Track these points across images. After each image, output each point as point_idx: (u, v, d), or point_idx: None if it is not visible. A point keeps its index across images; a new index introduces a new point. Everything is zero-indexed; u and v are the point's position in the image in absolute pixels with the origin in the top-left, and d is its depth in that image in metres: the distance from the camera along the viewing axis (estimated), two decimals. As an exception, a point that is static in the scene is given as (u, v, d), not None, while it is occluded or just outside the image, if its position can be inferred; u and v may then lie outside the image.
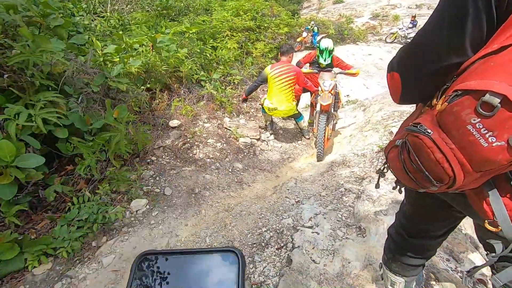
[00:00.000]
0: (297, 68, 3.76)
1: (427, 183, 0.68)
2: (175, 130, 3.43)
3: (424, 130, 0.63)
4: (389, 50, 12.26)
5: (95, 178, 2.65)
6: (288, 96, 3.75)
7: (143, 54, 3.64)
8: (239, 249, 0.47)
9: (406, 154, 0.71)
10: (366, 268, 1.66)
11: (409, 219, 1.10)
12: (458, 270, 1.60)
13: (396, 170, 0.79)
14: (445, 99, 0.59)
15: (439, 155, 0.60)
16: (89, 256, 2.19)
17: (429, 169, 0.64)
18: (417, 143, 0.65)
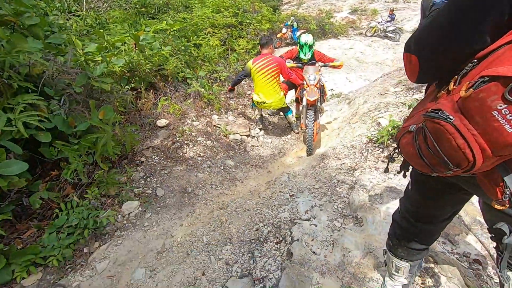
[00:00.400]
0: (279, 59, 3.72)
1: (443, 168, 0.68)
2: (163, 130, 3.35)
3: (446, 116, 0.63)
4: (369, 43, 12.51)
5: (83, 182, 2.55)
6: (275, 88, 3.73)
7: (126, 53, 3.52)
8: None
9: (422, 140, 0.72)
10: (366, 256, 1.68)
11: (416, 204, 1.11)
12: (455, 252, 1.65)
13: (409, 155, 0.79)
14: (469, 85, 0.59)
15: (460, 141, 0.61)
16: (82, 263, 2.11)
17: (448, 155, 0.65)
18: (438, 129, 0.65)
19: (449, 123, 0.62)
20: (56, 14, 5.64)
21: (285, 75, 3.71)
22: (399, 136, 0.84)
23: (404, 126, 0.84)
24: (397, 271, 1.29)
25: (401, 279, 1.31)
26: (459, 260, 1.59)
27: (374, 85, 5.69)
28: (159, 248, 2.19)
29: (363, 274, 1.58)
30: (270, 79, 3.66)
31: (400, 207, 1.23)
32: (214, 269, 1.88)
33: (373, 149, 3.08)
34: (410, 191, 1.12)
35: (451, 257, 1.59)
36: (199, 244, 2.16)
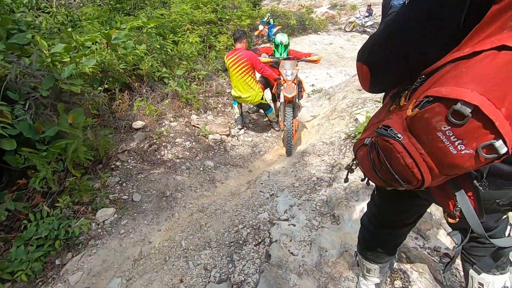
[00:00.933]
0: (249, 53, 3.60)
1: (396, 183, 0.68)
2: (139, 132, 3.25)
3: (394, 134, 0.62)
4: (348, 38, 12.67)
5: (53, 191, 2.44)
6: (249, 83, 3.65)
7: (98, 53, 3.38)
8: None
9: (375, 155, 0.71)
10: (342, 255, 1.70)
11: (380, 210, 1.12)
12: (426, 247, 1.70)
13: (365, 168, 0.78)
14: (415, 104, 0.58)
15: (409, 160, 0.61)
16: (54, 276, 2.02)
17: (398, 172, 0.65)
18: (387, 147, 0.64)
19: (398, 142, 0.61)
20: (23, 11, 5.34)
21: (258, 70, 3.63)
22: (356, 148, 0.83)
23: (361, 138, 0.83)
24: (368, 272, 1.30)
25: (374, 279, 1.33)
26: (430, 254, 1.64)
27: (353, 80, 5.77)
28: (136, 255, 2.13)
29: (339, 274, 1.60)
30: (243, 74, 3.59)
31: (367, 211, 1.24)
32: (192, 275, 1.85)
33: (351, 145, 3.12)
34: (376, 196, 1.12)
35: (422, 252, 1.63)
36: (178, 250, 2.12)
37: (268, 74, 3.74)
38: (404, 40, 0.65)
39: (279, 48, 3.89)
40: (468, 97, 0.48)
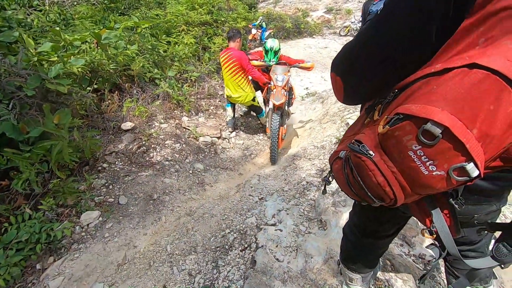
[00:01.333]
0: (239, 54, 3.51)
1: (369, 199, 0.66)
2: (128, 133, 3.20)
3: (366, 151, 0.60)
4: (343, 43, 12.75)
5: (37, 193, 2.38)
6: (239, 83, 3.60)
7: (88, 52, 3.33)
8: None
9: (349, 170, 0.69)
10: (327, 262, 1.68)
11: (361, 220, 1.11)
12: (411, 254, 1.69)
13: (340, 182, 0.75)
14: (386, 121, 0.56)
15: (380, 178, 0.58)
16: (33, 281, 1.97)
17: (370, 190, 0.63)
18: (359, 163, 0.62)
19: (369, 159, 0.59)
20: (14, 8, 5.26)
21: (247, 71, 3.56)
22: (331, 160, 0.80)
23: (336, 151, 0.80)
24: (351, 281, 1.29)
25: (357, 287, 1.31)
26: (415, 262, 1.62)
27: (346, 85, 5.79)
28: (120, 260, 2.09)
29: (324, 281, 1.57)
30: (233, 74, 3.54)
31: (349, 220, 1.22)
32: (176, 281, 1.81)
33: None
34: (357, 206, 1.11)
35: (407, 260, 1.62)
36: (163, 255, 2.08)
37: (257, 77, 3.66)
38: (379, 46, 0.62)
39: (268, 54, 3.82)
40: (438, 117, 0.46)
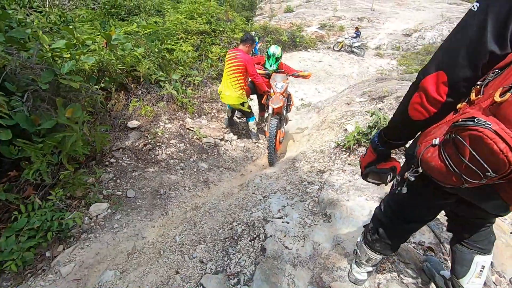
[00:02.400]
0: (247, 57, 3.68)
1: (477, 177, 0.70)
2: (134, 131, 3.28)
3: (483, 123, 0.64)
4: (336, 57, 13.22)
5: (46, 183, 2.42)
6: (233, 83, 3.70)
7: (96, 52, 3.42)
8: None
9: (452, 151, 0.73)
10: (335, 248, 1.79)
11: (407, 206, 1.16)
12: (411, 242, 1.82)
13: (435, 169, 0.79)
14: (503, 90, 0.64)
15: (502, 145, 0.62)
16: (44, 268, 1.99)
17: (487, 161, 0.66)
18: (476, 136, 0.65)
19: (488, 129, 0.63)
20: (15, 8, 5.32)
21: (251, 75, 3.72)
22: (420, 152, 0.84)
23: (424, 142, 0.85)
24: (368, 262, 1.39)
25: (368, 268, 1.43)
26: (415, 248, 1.76)
27: (342, 96, 6.04)
28: (130, 249, 2.14)
29: (332, 264, 1.68)
30: (232, 73, 3.66)
31: (384, 206, 1.27)
32: (188, 268, 1.88)
33: (341, 153, 3.27)
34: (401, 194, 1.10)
35: (408, 246, 1.75)
36: (172, 245, 2.14)
37: (259, 82, 3.83)
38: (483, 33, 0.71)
39: (270, 59, 3.98)
40: None
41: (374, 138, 1.11)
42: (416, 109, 0.87)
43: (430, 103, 0.83)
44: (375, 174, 1.14)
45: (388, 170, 1.09)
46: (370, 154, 1.13)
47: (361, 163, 1.19)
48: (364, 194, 2.25)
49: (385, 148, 1.09)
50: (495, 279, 1.64)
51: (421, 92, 0.84)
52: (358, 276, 1.52)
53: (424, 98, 0.83)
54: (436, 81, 0.79)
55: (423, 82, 0.83)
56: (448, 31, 15.41)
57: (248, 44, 3.78)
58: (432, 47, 13.25)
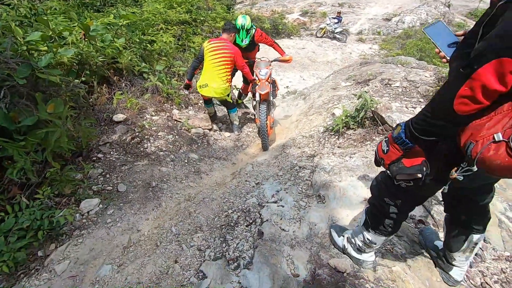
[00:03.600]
0: (235, 48, 3.56)
1: None
2: (120, 125, 3.19)
3: None
4: (319, 44, 13.24)
5: (32, 182, 2.33)
6: (221, 75, 3.54)
7: (75, 44, 3.27)
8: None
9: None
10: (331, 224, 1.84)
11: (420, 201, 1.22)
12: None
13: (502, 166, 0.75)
14: None
15: None
16: (37, 267, 1.94)
17: None
18: None
19: None
20: (-21, 0, 4.99)
21: (239, 66, 3.63)
22: (477, 151, 0.80)
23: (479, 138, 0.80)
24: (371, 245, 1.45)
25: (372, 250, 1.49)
26: (406, 222, 1.83)
27: (327, 81, 6.09)
28: (125, 243, 2.11)
29: (329, 243, 1.73)
30: (220, 63, 3.49)
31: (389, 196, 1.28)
32: (186, 256, 1.88)
33: (330, 137, 3.32)
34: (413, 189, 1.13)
35: (401, 220, 1.83)
36: (169, 235, 2.13)
37: (247, 72, 3.78)
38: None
39: (240, 33, 3.76)
40: None
41: (400, 134, 1.01)
42: (465, 103, 0.79)
43: (487, 95, 0.76)
44: (406, 173, 1.06)
45: (421, 166, 1.03)
46: (396, 152, 1.04)
47: (382, 160, 1.10)
48: (355, 174, 2.30)
49: (414, 145, 1.01)
50: (482, 245, 1.73)
51: (474, 84, 0.76)
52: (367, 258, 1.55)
53: (479, 91, 0.76)
54: (497, 70, 0.72)
55: (478, 74, 0.74)
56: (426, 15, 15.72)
57: (232, 33, 3.66)
58: (412, 31, 13.45)
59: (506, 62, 0.70)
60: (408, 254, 1.65)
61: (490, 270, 1.63)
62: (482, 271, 1.62)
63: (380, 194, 1.31)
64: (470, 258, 1.41)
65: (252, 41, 4.02)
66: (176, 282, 1.71)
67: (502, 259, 1.69)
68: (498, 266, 1.65)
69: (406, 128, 1.00)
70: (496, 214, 1.95)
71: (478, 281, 1.57)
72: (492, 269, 1.63)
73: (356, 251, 1.55)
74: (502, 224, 1.89)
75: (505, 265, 1.65)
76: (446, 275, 1.51)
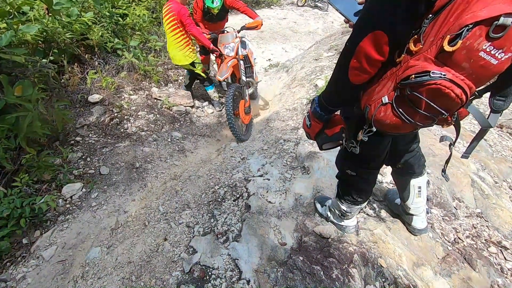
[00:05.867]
0: (179, 6, 3.13)
1: (430, 120, 0.78)
2: (97, 106, 3.06)
3: (439, 75, 0.69)
4: (301, 13, 12.84)
5: (8, 170, 2.24)
6: (176, 40, 3.26)
7: (38, 20, 3.01)
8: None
9: (406, 106, 0.79)
10: (315, 196, 1.89)
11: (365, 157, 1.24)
12: (383, 182, 1.97)
13: (390, 125, 0.85)
14: (451, 38, 0.66)
15: (458, 90, 0.69)
16: (23, 255, 1.92)
17: (443, 106, 0.74)
18: (434, 89, 0.70)
19: (444, 79, 0.69)
20: None
21: (185, 26, 3.17)
22: (372, 113, 0.89)
23: (372, 102, 0.89)
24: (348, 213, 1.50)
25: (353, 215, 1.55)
26: (387, 187, 1.91)
27: (309, 52, 5.98)
28: (113, 225, 2.10)
29: (314, 211, 1.79)
30: (171, 28, 3.20)
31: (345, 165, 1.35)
32: (175, 233, 1.90)
33: (313, 109, 3.32)
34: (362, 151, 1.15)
35: (382, 186, 1.90)
36: (156, 214, 2.13)
37: (195, 34, 3.20)
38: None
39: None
40: (508, 9, 0.58)
41: (315, 108, 1.09)
42: (356, 74, 0.86)
43: (371, 65, 0.82)
44: (329, 141, 1.15)
45: (340, 133, 1.11)
46: (316, 124, 1.13)
47: (309, 134, 1.19)
48: (338, 144, 2.33)
49: (328, 115, 1.09)
50: (456, 204, 1.84)
51: (359, 56, 0.81)
52: (349, 223, 1.62)
53: (364, 61, 0.81)
54: (375, 42, 0.77)
55: (360, 46, 0.79)
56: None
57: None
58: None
59: (380, 35, 0.75)
60: (388, 218, 1.73)
61: (463, 226, 1.75)
62: (455, 228, 1.73)
63: (342, 167, 1.39)
64: (423, 204, 1.54)
65: (223, 5, 3.48)
66: (167, 258, 1.73)
67: (474, 215, 1.82)
68: (470, 222, 1.77)
69: (319, 102, 1.07)
70: (469, 175, 2.06)
71: (451, 237, 1.68)
72: (465, 225, 1.75)
73: (337, 218, 1.61)
74: (475, 184, 2.01)
75: (476, 221, 1.78)
76: (409, 227, 1.64)
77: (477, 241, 1.67)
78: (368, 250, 1.54)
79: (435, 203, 1.84)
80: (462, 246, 1.61)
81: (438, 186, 1.92)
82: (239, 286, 1.48)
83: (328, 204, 1.68)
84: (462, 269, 1.47)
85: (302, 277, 1.45)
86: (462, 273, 1.45)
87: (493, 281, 1.44)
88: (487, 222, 1.78)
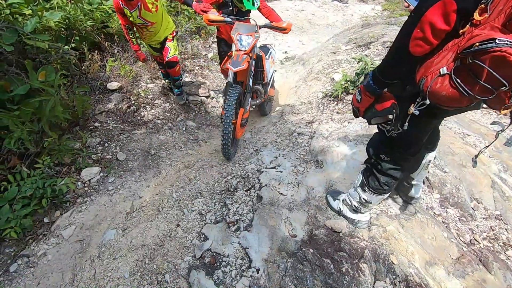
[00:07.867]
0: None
1: (489, 93, 0.74)
2: (115, 93, 3.13)
3: (505, 42, 0.66)
4: (320, 5, 12.55)
5: (31, 152, 2.34)
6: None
7: (61, 7, 3.09)
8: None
9: (465, 76, 0.76)
10: (328, 190, 1.88)
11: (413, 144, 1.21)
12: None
13: (447, 97, 0.82)
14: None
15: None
16: (44, 233, 2.01)
17: (506, 76, 0.70)
18: (499, 57, 0.67)
19: (510, 46, 0.65)
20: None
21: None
22: (427, 85, 0.86)
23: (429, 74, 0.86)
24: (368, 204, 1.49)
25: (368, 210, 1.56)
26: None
27: (327, 45, 5.87)
28: (128, 209, 2.17)
29: (326, 205, 1.78)
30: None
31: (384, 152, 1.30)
32: (188, 220, 1.94)
33: (329, 102, 3.28)
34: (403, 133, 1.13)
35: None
36: (170, 201, 2.18)
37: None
38: None
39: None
40: None
41: (369, 81, 1.09)
42: (418, 45, 0.85)
43: (435, 35, 0.81)
44: (379, 115, 1.14)
45: (391, 109, 1.09)
46: (368, 98, 1.12)
47: (358, 109, 1.18)
48: (353, 139, 2.30)
49: (381, 89, 1.09)
50: (474, 205, 1.79)
51: (424, 25, 0.81)
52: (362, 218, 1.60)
53: (428, 31, 0.81)
54: (443, 11, 0.77)
55: (426, 16, 0.80)
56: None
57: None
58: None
59: (449, 3, 0.75)
60: (402, 215, 1.70)
61: (480, 228, 1.70)
62: (472, 229, 1.69)
63: (375, 152, 1.36)
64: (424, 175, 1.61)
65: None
66: (179, 244, 1.78)
67: (492, 217, 1.76)
68: (488, 224, 1.72)
69: (374, 75, 1.07)
70: (490, 176, 1.99)
71: (467, 238, 1.64)
72: (482, 227, 1.70)
73: (351, 211, 1.60)
74: (495, 185, 1.94)
75: (494, 223, 1.72)
76: (406, 196, 1.69)
77: (494, 244, 1.62)
78: (380, 246, 1.52)
79: (451, 203, 1.79)
80: (478, 247, 1.57)
81: (456, 186, 1.87)
82: (248, 274, 1.51)
83: (343, 197, 1.67)
84: (477, 271, 1.44)
85: (312, 269, 1.45)
86: (476, 275, 1.42)
87: (509, 285, 1.40)
88: (506, 225, 1.73)
